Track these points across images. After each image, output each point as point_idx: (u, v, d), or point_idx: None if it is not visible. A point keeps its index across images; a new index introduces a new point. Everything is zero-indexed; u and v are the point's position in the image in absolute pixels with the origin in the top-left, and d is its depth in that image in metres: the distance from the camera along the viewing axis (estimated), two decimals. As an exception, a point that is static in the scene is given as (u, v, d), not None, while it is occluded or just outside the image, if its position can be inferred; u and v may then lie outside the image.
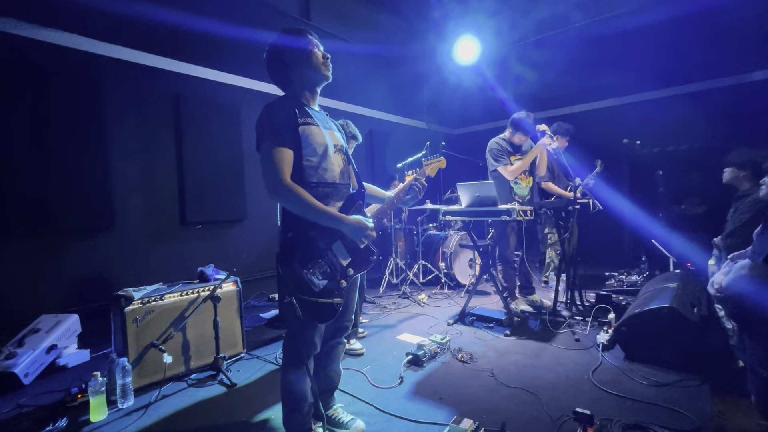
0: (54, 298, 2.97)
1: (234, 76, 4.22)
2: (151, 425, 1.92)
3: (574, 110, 6.25)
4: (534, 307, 3.53)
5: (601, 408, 1.87)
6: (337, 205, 1.53)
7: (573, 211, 3.21)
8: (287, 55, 1.50)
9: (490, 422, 1.79)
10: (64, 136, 3.01)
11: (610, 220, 6.11)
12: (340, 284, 1.48)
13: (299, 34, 1.51)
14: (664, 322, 2.28)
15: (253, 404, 2.07)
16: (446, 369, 2.41)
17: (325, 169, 1.51)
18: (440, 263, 4.50)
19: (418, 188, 1.66)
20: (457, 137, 7.95)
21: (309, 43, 1.51)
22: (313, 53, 1.51)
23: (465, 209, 3.16)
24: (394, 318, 3.49)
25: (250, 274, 4.26)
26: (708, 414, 1.80)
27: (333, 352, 1.76)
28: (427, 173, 1.79)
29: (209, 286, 2.57)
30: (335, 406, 1.82)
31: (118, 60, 3.37)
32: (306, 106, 1.54)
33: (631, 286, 4.00)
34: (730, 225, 2.75)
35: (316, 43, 1.54)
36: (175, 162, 3.74)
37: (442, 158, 1.84)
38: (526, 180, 3.50)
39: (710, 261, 3.07)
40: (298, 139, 1.44)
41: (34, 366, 2.40)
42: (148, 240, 3.52)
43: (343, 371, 1.86)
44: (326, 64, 1.55)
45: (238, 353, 2.71)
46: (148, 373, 2.27)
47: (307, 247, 1.45)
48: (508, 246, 3.43)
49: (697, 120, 5.32)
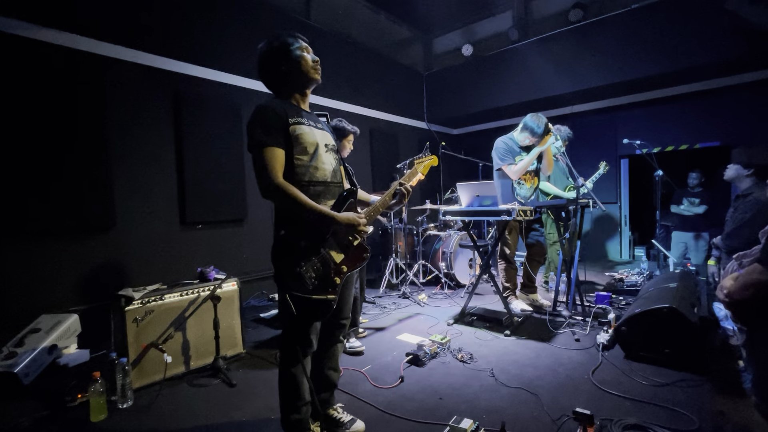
0: (54, 298, 2.97)
1: (234, 76, 4.22)
2: (151, 425, 1.92)
3: (574, 110, 6.25)
4: (534, 306, 3.53)
5: (601, 408, 1.88)
6: (329, 204, 1.55)
7: (573, 211, 3.21)
8: (278, 60, 1.54)
9: (490, 422, 1.79)
10: (64, 136, 3.01)
11: (610, 220, 6.13)
12: (334, 281, 1.49)
13: (288, 38, 1.55)
14: (664, 322, 2.28)
15: (253, 404, 2.07)
16: (446, 369, 2.41)
17: (317, 168, 1.53)
18: (440, 263, 4.50)
19: (402, 193, 1.68)
20: (457, 137, 7.96)
21: (299, 48, 1.55)
22: (302, 58, 1.55)
23: (465, 209, 3.16)
24: (394, 318, 3.49)
25: (250, 274, 4.26)
26: (708, 414, 1.80)
27: (331, 351, 1.76)
28: (420, 172, 1.80)
29: (209, 286, 2.58)
30: (335, 406, 1.82)
31: (118, 60, 3.37)
32: (296, 106, 1.58)
33: (631, 286, 4.01)
34: (730, 225, 2.74)
35: (306, 47, 1.58)
36: (175, 162, 3.74)
37: (434, 156, 1.84)
38: (531, 180, 3.48)
39: (710, 261, 3.08)
40: (289, 139, 1.47)
41: (34, 366, 2.39)
42: (148, 240, 3.52)
43: (343, 371, 1.86)
44: (316, 68, 1.59)
45: (238, 353, 2.71)
46: (148, 373, 2.27)
47: (300, 244, 1.46)
48: (509, 245, 3.43)
49: (697, 120, 5.33)
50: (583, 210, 3.31)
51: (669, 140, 5.56)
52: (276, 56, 1.54)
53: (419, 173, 1.80)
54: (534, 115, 3.32)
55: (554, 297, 3.36)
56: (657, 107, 5.63)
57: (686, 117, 5.41)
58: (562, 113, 6.30)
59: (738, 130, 4.99)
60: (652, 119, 5.69)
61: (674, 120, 5.50)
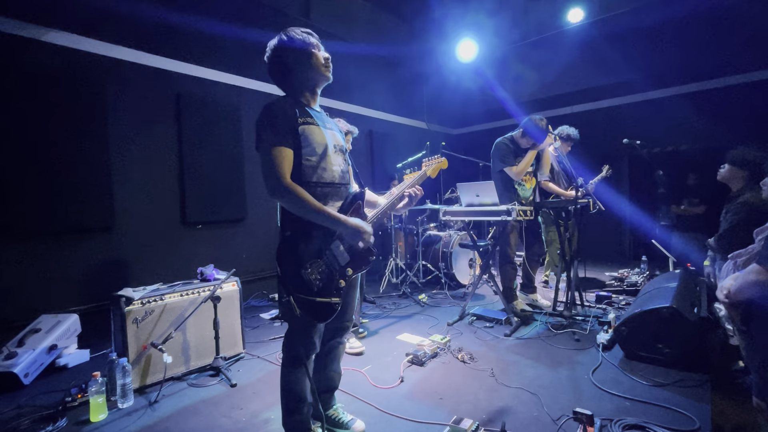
0: (54, 298, 2.97)
1: (234, 76, 4.22)
2: (151, 425, 1.92)
3: (574, 110, 6.26)
4: (534, 306, 3.53)
5: (601, 408, 1.88)
6: (337, 205, 1.53)
7: (573, 211, 3.21)
8: (288, 56, 1.50)
9: (490, 422, 1.79)
10: (64, 136, 3.01)
11: (610, 220, 6.13)
12: (339, 284, 1.48)
13: (300, 35, 1.51)
14: (664, 322, 2.28)
15: (253, 404, 2.07)
16: (446, 369, 2.41)
17: (324, 169, 1.50)
18: (440, 263, 4.50)
19: (412, 196, 1.68)
20: (457, 137, 7.96)
21: (310, 44, 1.51)
22: (313, 54, 1.51)
23: (465, 209, 3.16)
24: (394, 318, 3.49)
25: (250, 274, 4.27)
26: (708, 414, 1.80)
27: (333, 352, 1.75)
28: (428, 174, 1.79)
29: (209, 286, 2.58)
30: (335, 406, 1.82)
31: (118, 60, 3.37)
32: (306, 106, 1.55)
33: (631, 286, 4.00)
34: (723, 226, 2.74)
35: (317, 44, 1.54)
36: (175, 162, 3.74)
37: (444, 159, 1.82)
38: (530, 181, 3.49)
39: (705, 262, 3.08)
40: (298, 139, 1.44)
41: (34, 366, 2.39)
42: (148, 240, 3.52)
43: (343, 371, 1.86)
44: (327, 65, 1.55)
45: (238, 353, 2.71)
46: (148, 373, 2.28)
47: (305, 246, 1.45)
48: (509, 245, 3.43)
49: (697, 120, 5.33)
50: (582, 210, 3.31)
51: (669, 140, 5.55)
52: (286, 53, 1.50)
53: (427, 175, 1.79)
54: (534, 116, 3.32)
55: (554, 297, 3.36)
56: (657, 107, 5.63)
57: (687, 117, 5.41)
58: (563, 113, 6.30)
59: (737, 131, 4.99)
60: (653, 119, 5.69)
61: (674, 119, 5.50)
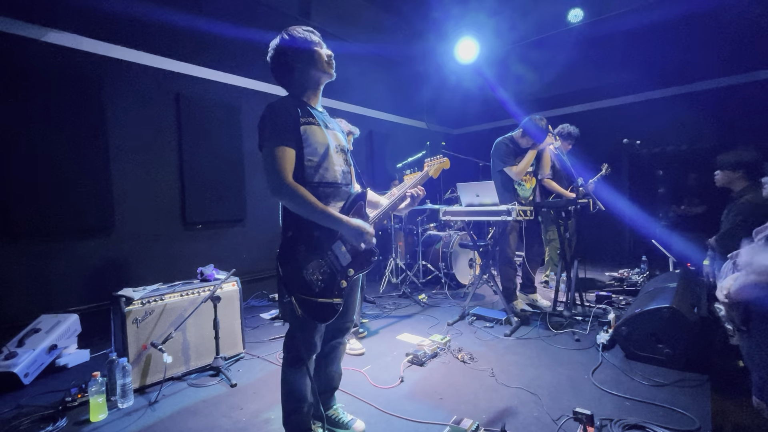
0: (54, 298, 2.97)
1: (234, 76, 4.21)
2: (151, 425, 1.92)
3: (574, 110, 6.26)
4: (534, 306, 3.53)
5: (601, 408, 1.88)
6: (338, 205, 1.53)
7: (573, 210, 3.21)
8: (291, 55, 1.50)
9: (490, 422, 1.79)
10: (64, 136, 3.01)
11: (610, 220, 6.13)
12: (340, 284, 1.48)
13: (302, 33, 1.51)
14: (664, 322, 2.28)
15: (254, 404, 2.07)
16: (446, 369, 2.41)
17: (326, 169, 1.50)
18: (440, 263, 4.50)
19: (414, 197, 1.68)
20: (457, 137, 7.96)
21: (312, 42, 1.51)
22: (316, 52, 1.51)
23: (465, 209, 3.16)
24: (394, 318, 3.49)
25: (250, 274, 4.26)
26: (708, 414, 1.80)
27: (334, 353, 1.75)
28: (430, 174, 1.79)
29: (209, 286, 2.58)
30: (335, 406, 1.82)
31: (118, 60, 3.36)
32: (308, 105, 1.55)
33: (631, 286, 4.00)
34: (725, 226, 2.74)
35: (319, 42, 1.54)
36: (175, 162, 3.73)
37: (446, 159, 1.82)
38: (530, 181, 3.49)
39: (705, 262, 3.08)
40: (300, 139, 1.44)
41: (34, 366, 2.39)
42: (148, 240, 3.52)
43: (343, 371, 1.86)
44: (330, 63, 1.55)
45: (238, 353, 2.71)
46: (148, 373, 2.28)
47: (307, 246, 1.45)
48: (509, 245, 3.43)
49: (698, 120, 5.32)
50: (582, 210, 3.31)
51: (669, 140, 5.55)
52: (289, 52, 1.50)
53: (429, 175, 1.78)
54: (534, 116, 3.32)
55: (554, 297, 3.36)
56: (657, 107, 5.63)
57: (687, 117, 5.40)
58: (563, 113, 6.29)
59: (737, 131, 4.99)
60: (653, 119, 5.69)
61: (674, 119, 5.50)
